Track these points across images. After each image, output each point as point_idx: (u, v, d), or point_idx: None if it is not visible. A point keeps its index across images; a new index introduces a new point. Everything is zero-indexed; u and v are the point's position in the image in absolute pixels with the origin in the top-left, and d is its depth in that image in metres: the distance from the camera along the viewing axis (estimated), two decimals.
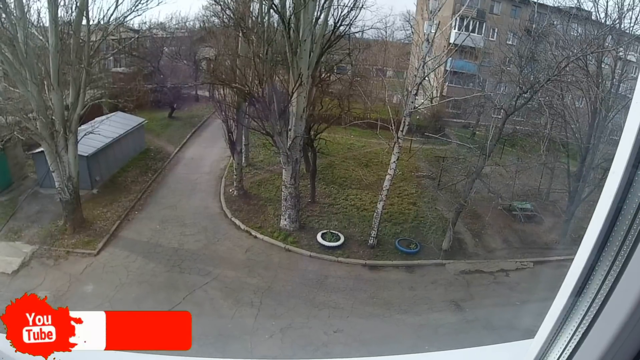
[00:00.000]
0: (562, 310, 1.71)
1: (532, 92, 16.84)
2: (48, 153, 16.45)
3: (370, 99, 27.34)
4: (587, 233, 1.59)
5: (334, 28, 17.09)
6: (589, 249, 1.57)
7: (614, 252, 1.47)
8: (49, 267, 15.30)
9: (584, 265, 1.59)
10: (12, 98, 16.42)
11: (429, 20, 15.56)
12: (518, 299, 15.14)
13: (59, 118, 16.12)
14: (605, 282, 1.51)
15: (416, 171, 23.94)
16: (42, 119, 15.77)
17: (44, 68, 15.84)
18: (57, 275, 14.89)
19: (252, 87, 16.98)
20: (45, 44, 15.70)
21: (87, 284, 14.64)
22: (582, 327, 1.61)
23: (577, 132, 18.92)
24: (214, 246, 16.97)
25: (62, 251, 15.99)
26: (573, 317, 1.66)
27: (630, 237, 1.41)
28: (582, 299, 1.62)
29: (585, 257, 1.58)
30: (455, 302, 15.11)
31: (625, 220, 1.42)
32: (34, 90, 15.36)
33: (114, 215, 18.27)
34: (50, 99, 15.98)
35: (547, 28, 21.82)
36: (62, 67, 16.08)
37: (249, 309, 13.96)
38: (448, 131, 27.62)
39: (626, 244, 1.42)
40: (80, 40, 16.34)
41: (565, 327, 1.70)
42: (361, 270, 16.45)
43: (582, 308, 1.61)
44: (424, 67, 15.95)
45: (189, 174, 22.58)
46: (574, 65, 17.45)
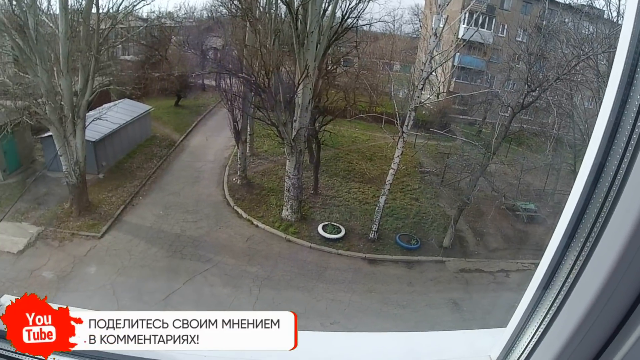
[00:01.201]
0: (531, 302, 1.81)
1: (540, 91, 16.60)
2: (56, 137, 16.67)
3: (376, 92, 27.21)
4: (555, 230, 1.68)
5: (342, 20, 17.07)
6: (555, 244, 1.66)
7: (577, 249, 1.56)
8: (54, 248, 15.51)
9: (550, 261, 1.68)
10: (22, 83, 16.59)
11: (438, 14, 15.45)
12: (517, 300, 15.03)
13: (67, 103, 16.31)
14: (569, 276, 1.60)
15: (420, 167, 23.81)
16: (51, 104, 15.97)
17: (53, 54, 16.02)
18: (61, 256, 15.11)
19: (258, 77, 16.98)
20: (56, 31, 15.91)
21: (91, 266, 14.86)
22: (548, 317, 1.71)
23: (586, 133, 18.67)
24: (215, 233, 17.07)
25: (67, 233, 16.21)
26: (540, 309, 1.76)
27: (593, 234, 1.49)
28: (549, 292, 1.71)
29: (552, 253, 1.67)
30: (454, 300, 15.07)
31: (590, 219, 1.50)
32: (44, 76, 15.55)
33: (119, 200, 18.45)
34: (60, 85, 16.17)
35: (558, 25, 21.51)
36: (72, 54, 16.25)
37: (247, 296, 14.09)
38: (454, 127, 27.35)
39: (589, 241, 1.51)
40: (90, 28, 16.52)
41: (534, 318, 1.80)
42: (361, 264, 16.47)
43: (549, 300, 1.71)
44: (431, 61, 15.86)
45: (194, 161, 22.67)
46: (584, 64, 17.10)
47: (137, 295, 13.67)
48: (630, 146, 1.36)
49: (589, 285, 1.50)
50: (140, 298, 13.53)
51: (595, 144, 1.48)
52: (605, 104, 1.45)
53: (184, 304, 13.40)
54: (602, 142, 1.45)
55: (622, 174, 1.38)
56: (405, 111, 17.07)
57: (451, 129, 26.61)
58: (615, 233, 1.41)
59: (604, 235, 1.45)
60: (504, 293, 15.64)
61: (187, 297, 13.78)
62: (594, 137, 1.50)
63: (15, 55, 16.02)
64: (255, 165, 22.40)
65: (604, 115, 1.45)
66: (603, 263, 1.44)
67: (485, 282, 16.40)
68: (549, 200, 20.81)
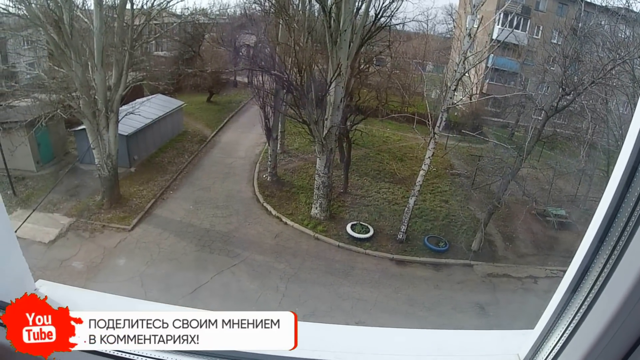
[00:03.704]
0: (559, 305, 1.82)
1: (575, 94, 16.27)
2: (89, 131, 17.04)
3: (409, 92, 27.02)
4: (586, 233, 1.68)
5: (375, 19, 17.01)
6: (585, 249, 1.66)
7: (607, 253, 1.56)
8: (85, 239, 15.89)
9: (579, 264, 1.69)
10: (57, 77, 17.12)
11: (472, 15, 15.22)
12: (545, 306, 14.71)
13: (101, 98, 16.67)
14: (598, 281, 1.60)
15: (450, 168, 23.56)
16: (85, 98, 16.37)
17: (88, 49, 16.36)
18: (91, 247, 15.47)
19: (290, 74, 17.05)
20: (90, 27, 16.25)
21: (120, 258, 15.18)
22: (576, 319, 1.72)
23: (620, 139, 18.14)
24: (244, 229, 17.23)
25: (98, 225, 16.57)
26: (568, 312, 1.77)
27: (623, 238, 1.49)
28: (577, 295, 1.72)
29: (582, 256, 1.67)
30: (480, 305, 14.89)
31: (621, 223, 1.50)
32: (78, 70, 15.95)
33: (150, 193, 18.79)
34: (94, 79, 16.52)
35: (594, 28, 20.90)
36: (106, 49, 16.59)
37: (274, 293, 14.19)
38: (486, 130, 27.00)
39: (619, 245, 1.51)
40: (124, 23, 16.86)
41: (561, 320, 1.81)
42: (388, 264, 16.41)
43: (577, 304, 1.72)
44: (464, 62, 15.64)
45: (224, 157, 22.92)
46: (620, 68, 16.65)
47: (164, 287, 13.89)
48: None
49: (617, 289, 1.51)
50: (168, 290, 13.74)
51: (629, 147, 1.46)
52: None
53: (211, 298, 13.57)
54: (635, 145, 1.44)
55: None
56: (437, 112, 16.92)
57: (483, 131, 26.30)
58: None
59: (634, 239, 1.45)
60: (531, 299, 15.39)
61: (214, 292, 13.93)
62: (628, 140, 1.48)
63: (50, 49, 16.49)
64: (285, 163, 22.53)
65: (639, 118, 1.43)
66: (632, 267, 1.44)
67: (512, 288, 16.16)
68: (581, 207, 20.28)
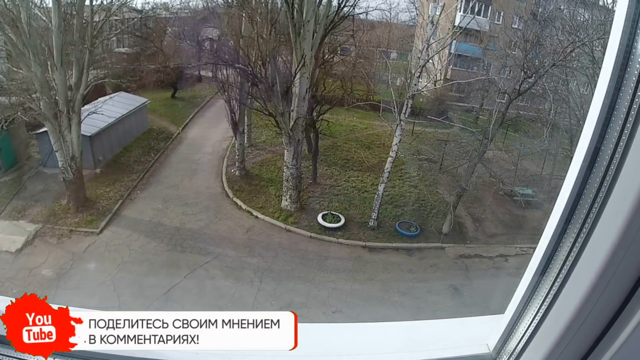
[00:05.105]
0: (528, 288, 1.81)
1: (536, 77, 16.67)
2: (51, 133, 16.56)
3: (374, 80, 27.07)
4: (551, 215, 1.68)
5: (338, 9, 17.02)
6: (552, 230, 1.65)
7: (574, 234, 1.55)
8: (52, 245, 15.47)
9: (547, 245, 1.68)
10: (16, 79, 16.50)
11: (434, 2, 15.40)
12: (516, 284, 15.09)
13: (62, 98, 16.16)
14: (567, 262, 1.59)
15: (418, 154, 23.78)
16: (45, 99, 15.86)
17: (47, 48, 15.83)
18: (60, 253, 15.08)
19: (255, 67, 16.91)
20: (49, 25, 15.72)
21: (90, 262, 14.85)
22: (546, 303, 1.70)
23: (582, 118, 18.61)
24: (215, 226, 17.08)
25: (65, 230, 16.14)
26: (538, 294, 1.75)
27: (590, 219, 1.48)
28: (546, 277, 1.71)
29: (549, 237, 1.66)
30: (454, 286, 15.18)
31: (586, 203, 1.50)
32: (38, 70, 15.44)
33: (117, 194, 18.38)
34: (54, 79, 16.01)
35: (554, 12, 21.40)
36: (66, 47, 16.07)
37: (249, 288, 14.15)
38: (451, 115, 27.30)
39: (586, 226, 1.50)
40: (84, 20, 16.33)
41: (531, 303, 1.79)
42: (361, 252, 16.54)
43: (546, 286, 1.70)
44: (428, 49, 15.84)
45: (192, 153, 22.59)
46: (579, 50, 17.13)
47: (138, 290, 13.70)
48: (627, 129, 1.35)
49: (586, 270, 1.50)
50: (141, 293, 13.56)
51: (590, 128, 1.47)
52: (599, 88, 1.45)
53: (185, 298, 13.45)
54: (596, 125, 1.44)
55: (618, 158, 1.38)
56: (402, 99, 17.04)
57: (449, 116, 26.57)
58: (612, 217, 1.40)
59: (601, 219, 1.45)
60: (504, 277, 15.80)
61: (188, 291, 13.82)
62: (589, 120, 1.48)
63: (8, 50, 15.92)
64: (253, 156, 22.36)
65: (599, 98, 1.44)
66: (600, 247, 1.43)
67: (484, 267, 16.52)
68: (546, 185, 20.85)
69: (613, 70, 1.39)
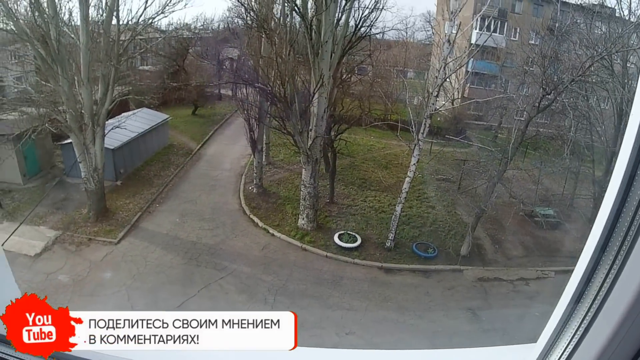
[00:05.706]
0: (563, 316, 1.77)
1: (555, 94, 16.43)
2: (76, 144, 17.15)
3: (391, 100, 27.14)
4: (587, 243, 1.66)
5: (355, 29, 17.21)
6: (587, 258, 1.63)
7: (609, 262, 1.52)
8: (71, 252, 15.82)
9: (582, 274, 1.65)
10: (44, 92, 17.17)
11: (450, 21, 15.38)
12: (538, 309, 14.54)
13: (88, 112, 16.79)
14: (602, 289, 1.56)
15: (436, 174, 23.55)
16: (71, 112, 16.47)
17: (74, 64, 16.52)
18: (77, 260, 15.39)
19: (274, 87, 17.09)
20: (77, 42, 16.39)
21: (106, 271, 15.09)
22: (580, 331, 1.67)
23: (603, 135, 18.37)
24: (231, 242, 17.16)
25: (84, 238, 16.52)
26: (572, 322, 1.72)
27: (625, 247, 1.45)
28: (581, 305, 1.67)
29: (584, 266, 1.64)
30: (472, 310, 14.81)
31: (621, 232, 1.46)
32: (65, 84, 16.05)
33: (136, 206, 18.74)
34: (80, 94, 16.66)
35: (571, 27, 21.13)
36: (92, 64, 16.73)
37: (262, 305, 14.09)
38: (469, 134, 27.01)
39: (621, 254, 1.47)
40: (110, 39, 16.95)
41: (565, 332, 1.76)
42: (377, 273, 16.36)
43: (581, 314, 1.67)
44: (445, 68, 15.77)
45: (210, 170, 22.84)
46: (598, 65, 16.91)
47: (151, 301, 13.77)
48: None
49: (620, 299, 1.47)
50: (155, 304, 13.62)
51: (628, 149, 1.43)
52: (636, 107, 1.40)
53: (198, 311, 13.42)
54: (634, 147, 1.41)
55: None
56: (420, 118, 16.96)
57: (467, 135, 26.31)
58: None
59: (636, 246, 1.42)
60: (524, 302, 15.33)
61: (202, 305, 13.80)
62: (626, 141, 1.45)
63: (37, 64, 16.65)
64: (271, 174, 22.49)
65: (635, 122, 1.40)
66: (635, 275, 1.41)
67: (504, 291, 16.09)
68: (568, 205, 20.36)
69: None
